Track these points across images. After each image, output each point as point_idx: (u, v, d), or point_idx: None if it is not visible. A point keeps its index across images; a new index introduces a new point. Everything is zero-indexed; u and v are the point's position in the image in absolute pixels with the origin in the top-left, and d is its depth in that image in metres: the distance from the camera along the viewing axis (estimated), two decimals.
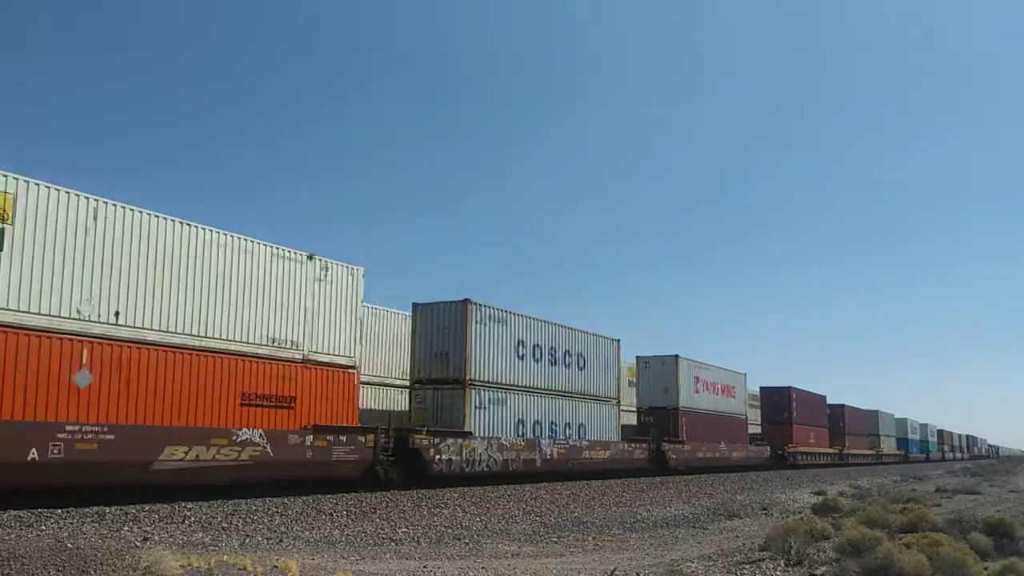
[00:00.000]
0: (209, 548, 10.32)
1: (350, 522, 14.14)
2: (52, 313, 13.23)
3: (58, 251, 13.40)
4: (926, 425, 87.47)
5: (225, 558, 8.56)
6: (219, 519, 13.01)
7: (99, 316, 13.92)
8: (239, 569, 8.03)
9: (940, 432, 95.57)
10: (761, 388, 48.67)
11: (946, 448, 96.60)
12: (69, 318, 13.45)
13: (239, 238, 16.65)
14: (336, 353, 18.62)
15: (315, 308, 18.19)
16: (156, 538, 10.88)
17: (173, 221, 15.38)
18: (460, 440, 21.73)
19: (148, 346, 14.59)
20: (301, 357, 17.71)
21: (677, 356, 36.02)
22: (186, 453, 14.79)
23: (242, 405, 16.18)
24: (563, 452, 26.44)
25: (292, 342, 17.52)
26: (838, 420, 56.41)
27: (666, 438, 34.05)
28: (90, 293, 13.83)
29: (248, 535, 12.03)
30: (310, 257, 18.15)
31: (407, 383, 23.79)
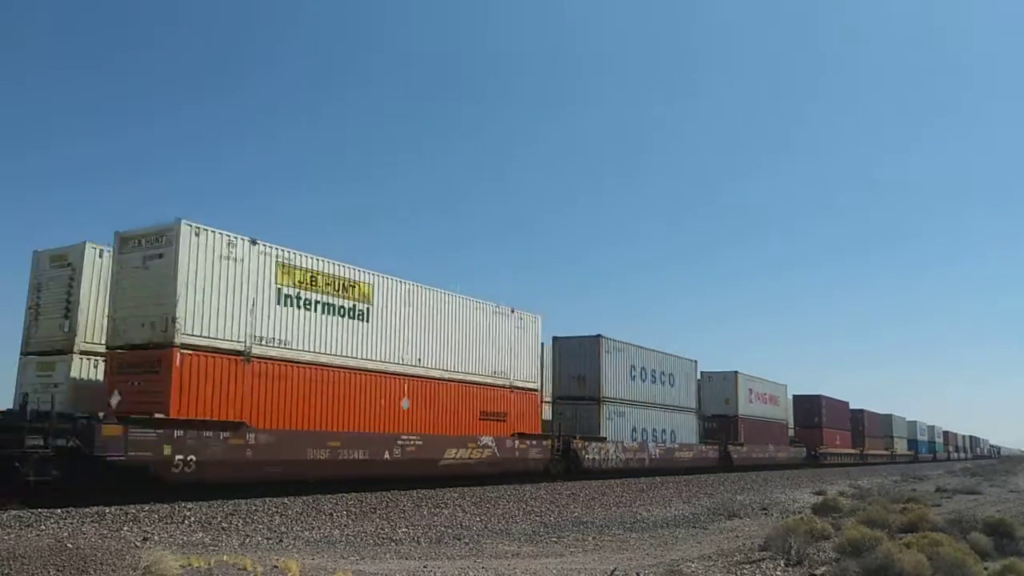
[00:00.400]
0: (209, 548, 10.32)
1: (350, 522, 14.15)
2: (390, 360, 20.10)
3: (391, 319, 20.26)
4: (933, 427, 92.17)
5: (225, 558, 8.57)
6: (219, 519, 13.02)
7: (411, 361, 20.75)
8: (239, 569, 8.03)
9: (945, 433, 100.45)
10: (794, 396, 52.96)
11: (951, 448, 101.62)
12: (397, 363, 20.26)
13: (476, 301, 23.66)
14: (527, 380, 25.55)
15: (515, 347, 25.08)
16: (156, 538, 10.88)
17: (440, 292, 22.27)
18: (599, 443, 28.75)
19: (435, 380, 21.54)
20: (508, 384, 24.54)
21: (736, 372, 42.43)
22: (455, 453, 21.81)
23: (480, 419, 23.04)
24: (662, 453, 33.44)
25: (503, 373, 24.38)
26: (859, 424, 61.42)
27: (730, 441, 40.45)
28: (406, 346, 20.63)
29: (248, 535, 12.03)
30: (512, 311, 25.23)
31: None
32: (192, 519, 12.78)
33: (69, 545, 8.79)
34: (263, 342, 16.70)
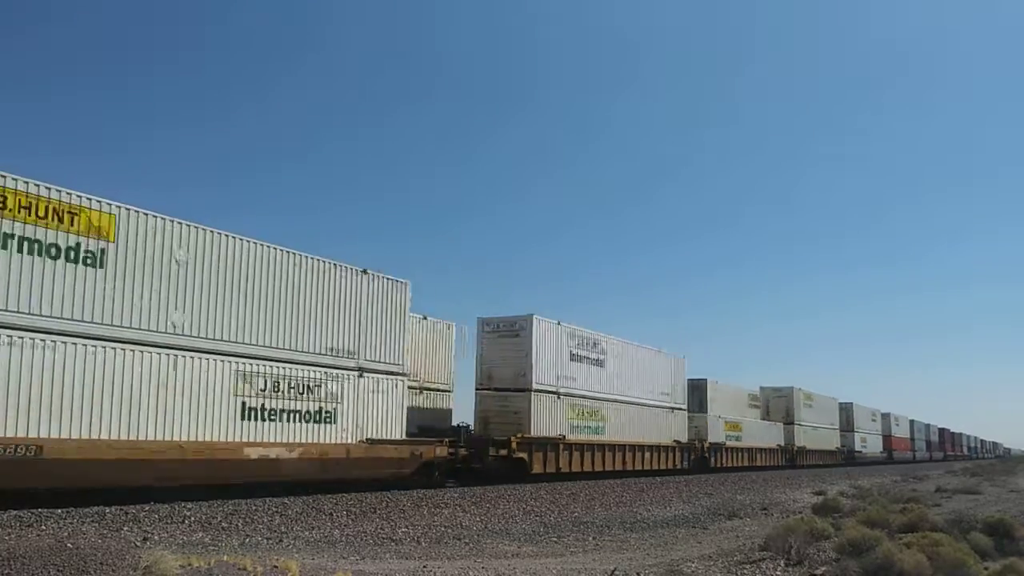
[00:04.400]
0: (209, 548, 10.32)
1: (350, 522, 14.14)
2: None
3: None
4: (976, 436, 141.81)
5: (225, 558, 8.56)
6: (219, 519, 13.02)
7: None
8: (239, 569, 8.02)
9: (981, 440, 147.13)
10: (939, 428, 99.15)
11: (984, 451, 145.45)
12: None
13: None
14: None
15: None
16: (156, 538, 10.88)
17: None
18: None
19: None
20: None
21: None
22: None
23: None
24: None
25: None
26: (952, 438, 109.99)
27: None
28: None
29: (248, 535, 12.03)
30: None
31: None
32: (192, 519, 12.78)
33: (69, 545, 8.79)
34: None
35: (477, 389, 25.87)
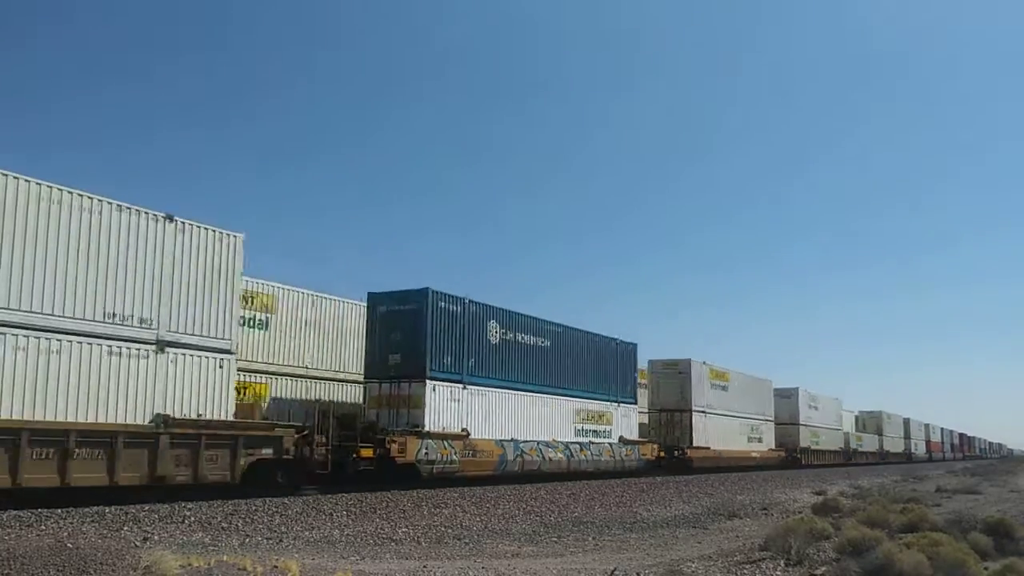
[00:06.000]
0: (209, 548, 10.33)
1: (350, 522, 14.15)
2: None
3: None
4: (984, 439, 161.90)
5: (225, 558, 8.57)
6: (219, 519, 13.02)
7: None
8: (239, 569, 8.03)
9: (989, 442, 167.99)
10: (960, 434, 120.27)
11: (990, 451, 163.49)
12: None
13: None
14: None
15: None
16: (156, 538, 10.89)
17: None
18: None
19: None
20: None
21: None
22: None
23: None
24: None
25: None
26: (968, 440, 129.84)
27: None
28: None
29: (248, 535, 12.03)
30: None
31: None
32: (192, 519, 12.78)
33: (69, 545, 8.80)
34: None
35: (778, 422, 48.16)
